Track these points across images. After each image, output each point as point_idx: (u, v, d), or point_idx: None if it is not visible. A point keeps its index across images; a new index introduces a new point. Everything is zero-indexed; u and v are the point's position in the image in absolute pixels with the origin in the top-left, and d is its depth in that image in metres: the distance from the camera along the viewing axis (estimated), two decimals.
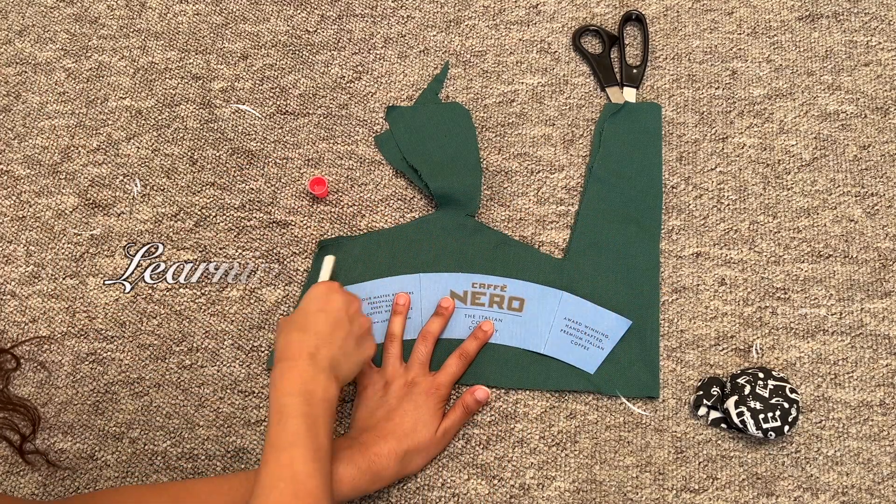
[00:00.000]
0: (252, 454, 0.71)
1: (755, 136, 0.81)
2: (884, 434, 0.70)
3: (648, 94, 0.84)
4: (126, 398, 0.73)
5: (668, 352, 0.73)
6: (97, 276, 0.78)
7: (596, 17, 0.87)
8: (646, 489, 0.69)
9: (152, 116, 0.85)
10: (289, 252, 0.78)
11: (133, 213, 0.80)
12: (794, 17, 0.86)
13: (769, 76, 0.84)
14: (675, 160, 0.80)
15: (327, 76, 0.86)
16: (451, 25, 0.88)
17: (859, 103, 0.82)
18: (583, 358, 0.73)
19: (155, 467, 0.71)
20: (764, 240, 0.77)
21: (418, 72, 0.85)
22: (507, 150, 0.82)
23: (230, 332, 0.76)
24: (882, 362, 0.72)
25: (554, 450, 0.71)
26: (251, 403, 0.73)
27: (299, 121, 0.84)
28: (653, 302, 0.74)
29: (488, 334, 0.74)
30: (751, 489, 0.68)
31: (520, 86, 0.85)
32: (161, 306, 0.77)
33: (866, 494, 0.68)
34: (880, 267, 0.76)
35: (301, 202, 0.80)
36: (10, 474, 0.71)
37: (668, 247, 0.77)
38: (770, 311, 0.74)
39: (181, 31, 0.88)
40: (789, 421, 0.67)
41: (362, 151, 0.82)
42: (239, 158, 0.82)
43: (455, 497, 0.69)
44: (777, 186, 0.79)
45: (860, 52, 0.84)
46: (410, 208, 0.80)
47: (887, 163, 0.79)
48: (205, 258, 0.78)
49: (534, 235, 0.78)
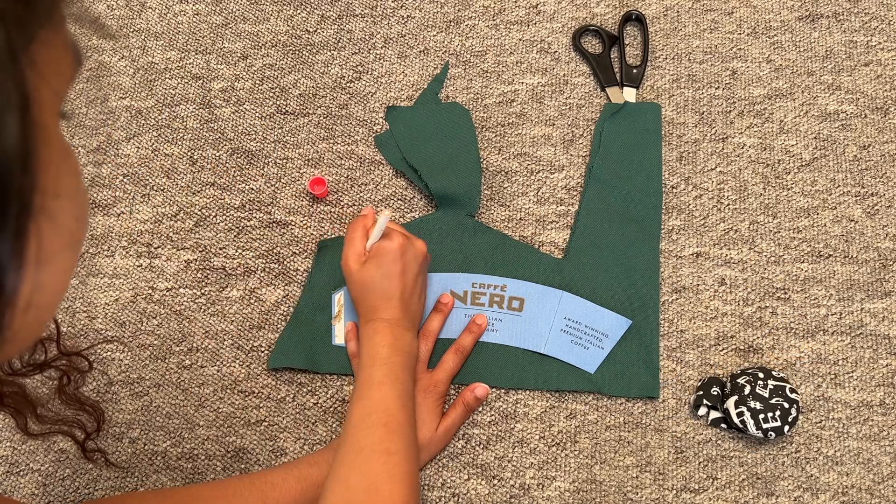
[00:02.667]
0: (252, 454, 0.71)
1: (755, 136, 0.81)
2: (884, 434, 0.70)
3: (648, 94, 0.84)
4: (126, 398, 0.73)
5: (668, 352, 0.73)
6: (97, 276, 0.78)
7: (596, 17, 0.87)
8: (646, 489, 0.69)
9: (152, 116, 0.85)
10: (289, 252, 0.78)
11: (133, 213, 0.80)
12: (794, 17, 0.86)
13: (769, 76, 0.84)
14: (675, 160, 0.80)
15: (327, 76, 0.86)
16: (451, 25, 0.88)
17: (859, 103, 0.82)
18: (583, 358, 0.73)
19: (155, 467, 0.71)
20: (764, 240, 0.77)
21: (418, 72, 0.85)
22: (507, 150, 0.82)
23: (230, 332, 0.76)
24: (882, 362, 0.72)
25: (554, 450, 0.70)
26: (251, 403, 0.73)
27: (299, 121, 0.84)
28: (653, 302, 0.74)
29: (482, 328, 0.74)
30: (751, 489, 0.68)
31: (520, 86, 0.85)
32: (161, 306, 0.77)
33: (866, 494, 0.68)
34: (880, 267, 0.76)
35: (301, 202, 0.80)
36: (10, 474, 0.71)
37: (668, 247, 0.77)
38: (770, 311, 0.74)
39: (181, 31, 0.88)
40: (789, 421, 0.67)
41: (362, 151, 0.82)
42: (239, 158, 0.82)
43: (455, 497, 0.69)
44: (777, 186, 0.79)
45: (860, 52, 0.84)
46: (410, 208, 0.80)
47: (887, 163, 0.79)
48: (205, 258, 0.78)
49: (534, 235, 0.78)
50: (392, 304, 0.67)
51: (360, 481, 0.57)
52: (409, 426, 0.62)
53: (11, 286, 0.27)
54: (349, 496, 0.57)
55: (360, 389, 0.64)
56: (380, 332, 0.66)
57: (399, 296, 0.67)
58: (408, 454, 0.60)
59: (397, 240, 0.67)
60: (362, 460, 0.58)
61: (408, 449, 0.60)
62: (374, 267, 0.67)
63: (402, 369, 0.65)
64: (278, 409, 0.73)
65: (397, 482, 0.57)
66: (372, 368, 0.64)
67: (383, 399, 0.62)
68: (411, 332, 0.69)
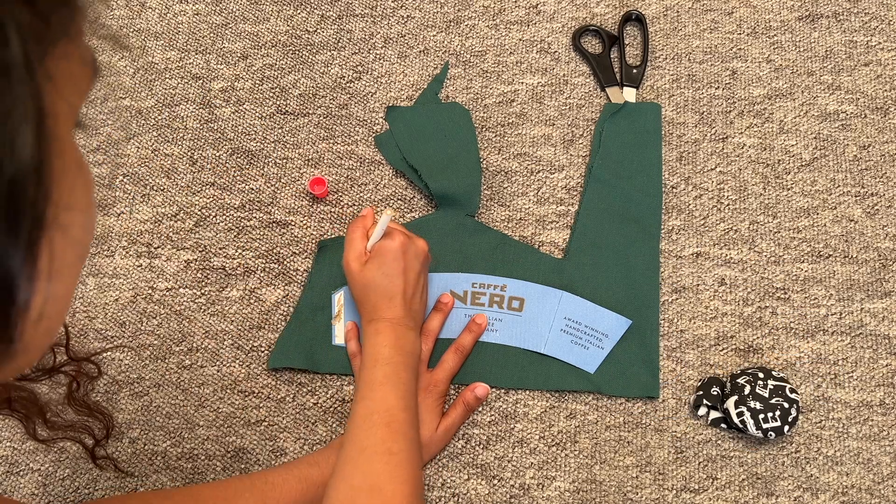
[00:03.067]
0: (252, 454, 0.71)
1: (755, 136, 0.81)
2: (884, 434, 0.70)
3: (648, 94, 0.84)
4: (126, 398, 0.73)
5: (668, 352, 0.73)
6: (97, 276, 0.78)
7: (596, 17, 0.87)
8: (646, 489, 0.69)
9: (152, 116, 0.85)
10: (289, 252, 0.78)
11: (133, 213, 0.80)
12: (794, 17, 0.86)
13: (769, 76, 0.84)
14: (675, 160, 0.80)
15: (327, 76, 0.86)
16: (451, 25, 0.88)
17: (859, 103, 0.82)
18: (583, 358, 0.73)
19: (155, 467, 0.71)
20: (764, 240, 0.77)
21: (418, 72, 0.85)
22: (507, 150, 0.82)
23: (230, 332, 0.76)
24: (882, 362, 0.72)
25: (554, 450, 0.70)
26: (251, 403, 0.73)
27: (299, 121, 0.84)
28: (653, 302, 0.74)
29: (482, 327, 0.74)
30: (751, 489, 0.68)
31: (520, 86, 0.85)
32: (161, 306, 0.77)
33: (866, 494, 0.68)
34: (880, 267, 0.76)
35: (301, 202, 0.80)
36: (10, 474, 0.71)
37: (668, 247, 0.77)
38: (770, 311, 0.74)
39: (181, 31, 0.88)
40: (789, 421, 0.67)
41: (362, 151, 0.82)
42: (239, 158, 0.82)
43: (455, 497, 0.69)
44: (777, 186, 0.79)
45: (860, 52, 0.84)
46: (410, 208, 0.80)
47: (887, 163, 0.79)
48: (205, 258, 0.78)
49: (534, 235, 0.78)
50: (394, 304, 0.67)
51: (364, 481, 0.58)
52: (411, 426, 0.62)
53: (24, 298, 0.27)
54: (352, 496, 0.57)
55: (362, 389, 0.64)
56: (382, 331, 0.66)
57: (401, 294, 0.67)
58: (410, 454, 0.60)
59: (398, 238, 0.67)
60: (365, 460, 0.59)
61: (410, 449, 0.60)
62: (375, 266, 0.67)
63: (405, 369, 0.65)
64: (278, 409, 0.73)
65: (400, 482, 0.58)
66: (374, 369, 0.64)
67: (385, 399, 0.62)
68: (414, 331, 0.69)
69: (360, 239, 0.69)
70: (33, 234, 0.27)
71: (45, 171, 0.27)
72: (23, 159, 0.26)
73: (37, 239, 0.27)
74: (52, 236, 0.28)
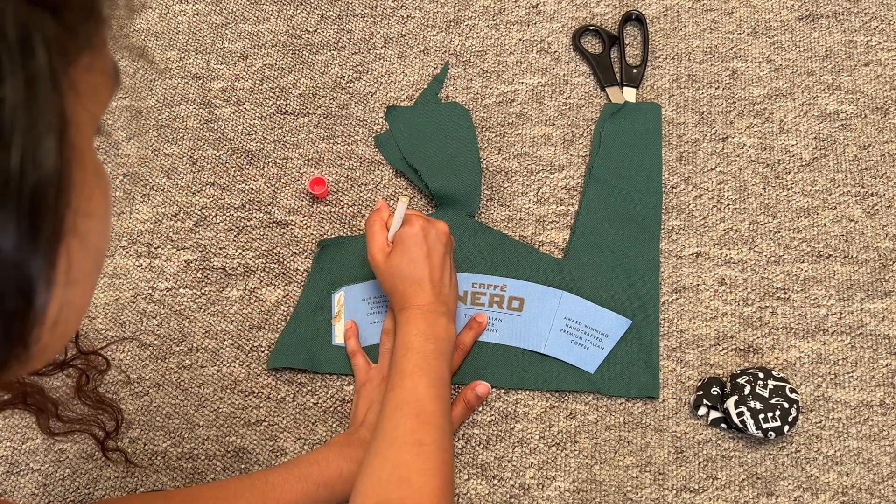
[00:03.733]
0: (252, 454, 0.71)
1: (755, 136, 0.81)
2: (884, 434, 0.70)
3: (648, 94, 0.84)
4: (126, 398, 0.73)
5: (668, 352, 0.73)
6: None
7: (596, 17, 0.87)
8: (646, 489, 0.69)
9: (152, 116, 0.85)
10: (289, 252, 0.78)
11: (133, 213, 0.80)
12: (794, 17, 0.86)
13: (769, 76, 0.84)
14: (675, 160, 0.80)
15: (327, 76, 0.86)
16: (451, 25, 0.88)
17: (859, 103, 0.82)
18: (583, 357, 0.73)
19: (155, 467, 0.71)
20: (764, 240, 0.77)
21: (418, 72, 0.85)
22: (507, 150, 0.82)
23: (230, 332, 0.76)
24: (882, 362, 0.72)
25: (554, 450, 0.70)
26: (251, 403, 0.73)
27: (299, 121, 0.84)
28: (653, 302, 0.74)
29: (483, 325, 0.74)
30: (751, 489, 0.68)
31: (520, 86, 0.85)
32: (161, 306, 0.77)
33: (866, 494, 0.68)
34: (880, 267, 0.76)
35: (301, 202, 0.80)
36: (10, 474, 0.71)
37: (668, 247, 0.77)
38: (770, 311, 0.74)
39: (181, 31, 0.88)
40: (789, 421, 0.67)
41: (362, 151, 0.82)
42: (239, 158, 0.82)
43: (455, 497, 0.69)
44: (777, 186, 0.79)
45: (860, 52, 0.84)
46: (410, 208, 0.80)
47: (887, 163, 0.79)
48: (205, 258, 0.78)
49: (534, 235, 0.78)
50: (423, 289, 0.67)
51: (393, 472, 0.57)
52: (441, 416, 0.61)
53: (41, 304, 0.28)
54: (381, 487, 0.56)
55: (392, 379, 0.63)
56: (412, 320, 0.66)
57: (428, 279, 0.67)
58: (441, 445, 0.59)
59: (418, 223, 0.67)
60: (394, 451, 0.58)
61: (441, 440, 0.59)
62: (399, 254, 0.67)
63: (436, 356, 0.64)
64: (278, 409, 0.73)
65: (429, 475, 0.57)
66: (404, 358, 0.64)
67: (414, 389, 0.61)
68: (445, 316, 0.67)
69: (380, 231, 0.69)
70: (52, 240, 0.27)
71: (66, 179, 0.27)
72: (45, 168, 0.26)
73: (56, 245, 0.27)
74: (70, 243, 0.28)
